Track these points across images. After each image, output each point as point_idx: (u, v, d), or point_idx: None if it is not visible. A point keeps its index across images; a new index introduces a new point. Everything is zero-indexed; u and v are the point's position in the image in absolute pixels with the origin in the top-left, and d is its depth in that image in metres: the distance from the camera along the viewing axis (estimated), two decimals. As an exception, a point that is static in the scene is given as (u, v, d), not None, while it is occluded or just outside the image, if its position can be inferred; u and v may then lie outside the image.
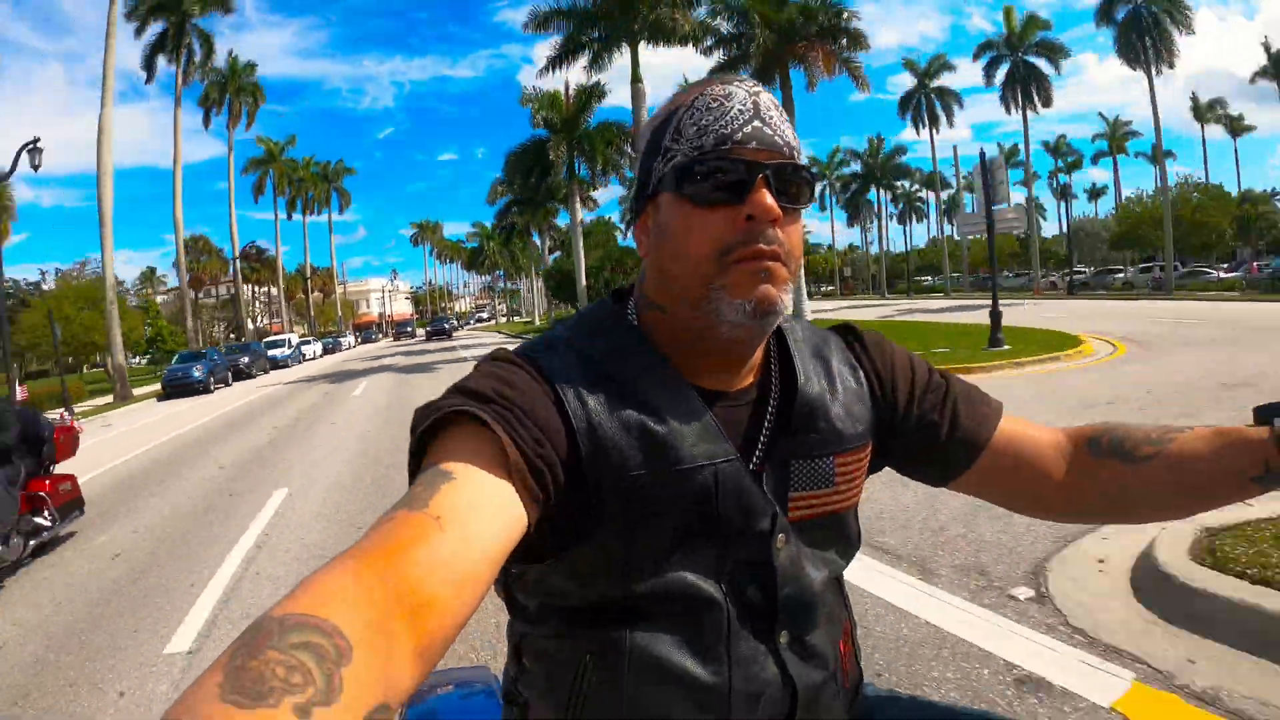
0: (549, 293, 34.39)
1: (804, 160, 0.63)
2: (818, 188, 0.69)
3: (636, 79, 18.82)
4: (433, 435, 0.57)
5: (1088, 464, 0.70)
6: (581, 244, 25.77)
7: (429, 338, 40.32)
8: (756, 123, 0.59)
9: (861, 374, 0.73)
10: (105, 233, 23.39)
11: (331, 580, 0.41)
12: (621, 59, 18.97)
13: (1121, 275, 35.83)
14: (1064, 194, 59.59)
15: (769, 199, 0.58)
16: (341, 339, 46.78)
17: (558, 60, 19.54)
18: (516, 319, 66.50)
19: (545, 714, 0.65)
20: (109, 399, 22.72)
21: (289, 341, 34.80)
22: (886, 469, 0.79)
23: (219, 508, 5.86)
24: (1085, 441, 0.71)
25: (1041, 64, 34.59)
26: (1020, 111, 35.58)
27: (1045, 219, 64.69)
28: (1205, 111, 49.55)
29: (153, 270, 71.14)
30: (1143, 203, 37.05)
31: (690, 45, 18.69)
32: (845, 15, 17.89)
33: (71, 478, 5.27)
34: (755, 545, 0.63)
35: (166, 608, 3.65)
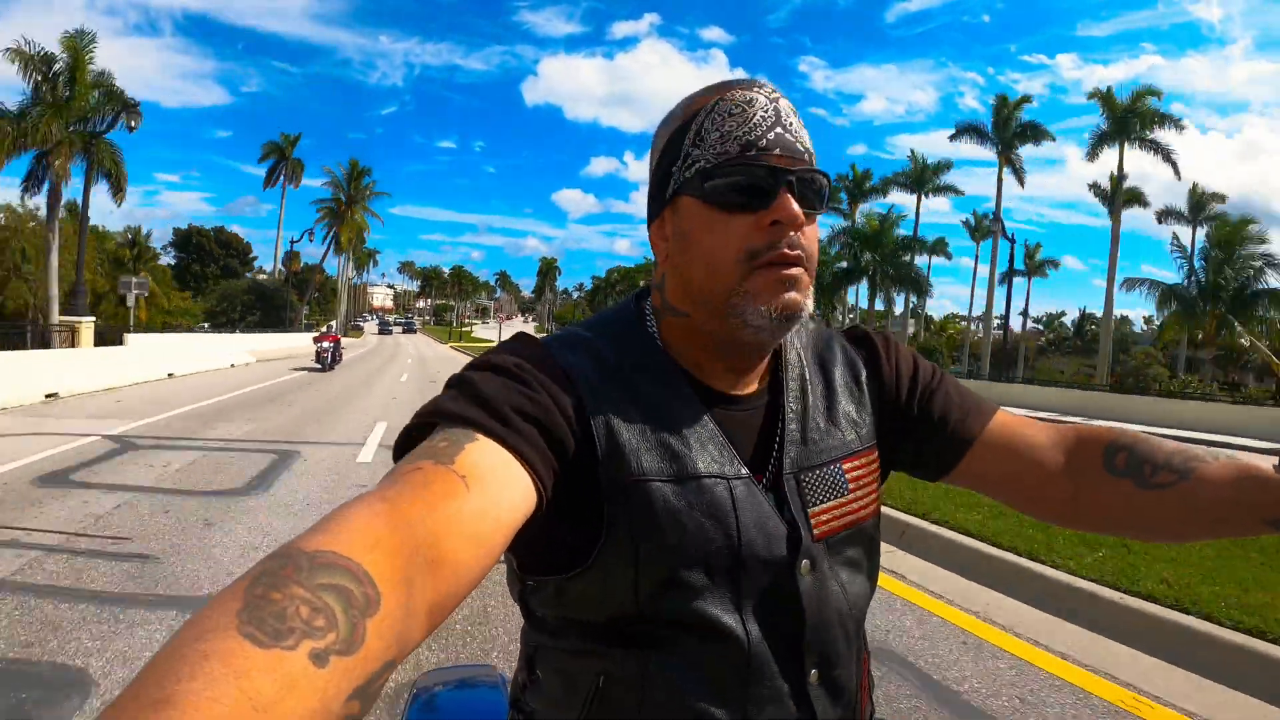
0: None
1: (819, 165, 0.63)
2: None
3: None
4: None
5: (1099, 476, 0.68)
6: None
7: (404, 331, 78.71)
8: (779, 129, 0.60)
9: (866, 377, 0.72)
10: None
11: (366, 522, 0.40)
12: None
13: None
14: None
15: (794, 204, 0.59)
16: (364, 321, 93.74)
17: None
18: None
19: None
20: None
21: (364, 318, 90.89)
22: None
23: (394, 356, 30.07)
24: (1101, 451, 0.69)
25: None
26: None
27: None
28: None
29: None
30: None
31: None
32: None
33: (342, 350, 24.01)
34: (778, 573, 0.61)
35: (394, 368, 21.80)
